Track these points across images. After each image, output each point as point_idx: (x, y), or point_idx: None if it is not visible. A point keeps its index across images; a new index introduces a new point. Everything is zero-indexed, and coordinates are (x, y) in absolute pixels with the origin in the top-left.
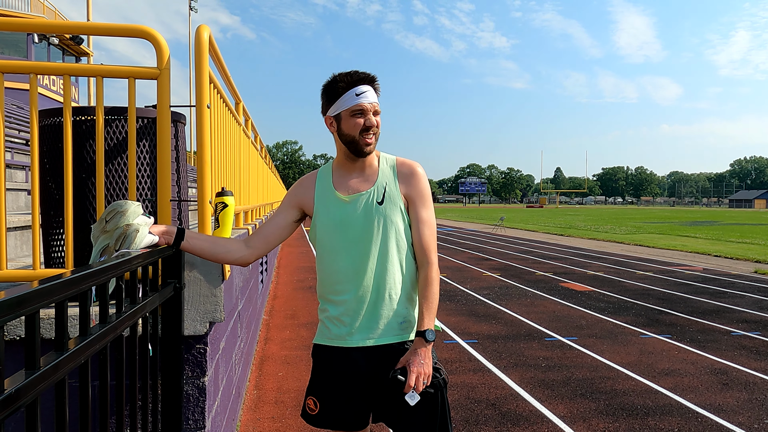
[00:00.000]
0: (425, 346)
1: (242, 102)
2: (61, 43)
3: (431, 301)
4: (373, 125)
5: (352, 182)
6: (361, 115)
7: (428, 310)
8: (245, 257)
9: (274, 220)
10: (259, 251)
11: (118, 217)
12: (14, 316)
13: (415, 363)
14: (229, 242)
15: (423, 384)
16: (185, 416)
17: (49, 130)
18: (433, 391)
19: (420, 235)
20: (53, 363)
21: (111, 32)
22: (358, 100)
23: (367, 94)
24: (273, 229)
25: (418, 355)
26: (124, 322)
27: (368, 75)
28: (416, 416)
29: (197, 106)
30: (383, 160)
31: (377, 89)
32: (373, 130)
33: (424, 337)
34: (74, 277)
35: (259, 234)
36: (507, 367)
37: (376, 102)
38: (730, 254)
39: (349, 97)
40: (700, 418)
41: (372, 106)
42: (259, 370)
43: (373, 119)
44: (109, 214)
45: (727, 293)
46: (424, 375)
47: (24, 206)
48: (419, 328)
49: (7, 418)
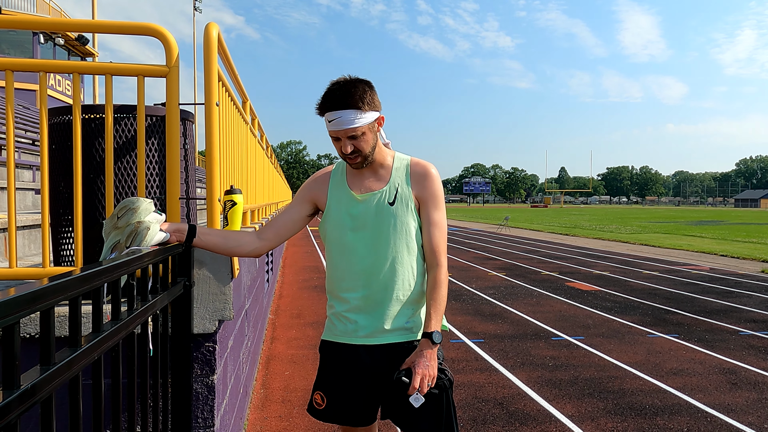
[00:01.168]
0: (431, 348)
1: (249, 101)
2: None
3: (439, 302)
4: (348, 151)
5: (366, 181)
6: (338, 140)
7: (436, 311)
8: (258, 249)
9: (288, 213)
10: (271, 243)
11: (129, 214)
12: (29, 312)
13: (420, 365)
14: (241, 235)
15: (428, 386)
16: (194, 414)
17: (58, 128)
18: (438, 392)
19: (430, 237)
20: (67, 359)
21: (119, 30)
22: (331, 128)
23: (338, 121)
24: (286, 221)
25: (424, 357)
26: (135, 320)
27: (339, 98)
28: (421, 417)
29: (206, 103)
30: (397, 160)
31: (358, 106)
32: (351, 156)
33: (431, 339)
34: (87, 274)
35: (272, 226)
36: (514, 367)
37: (351, 126)
38: (736, 254)
39: (326, 122)
40: (709, 418)
41: (345, 132)
42: (266, 369)
43: (348, 146)
44: (120, 210)
45: (735, 293)
46: (429, 377)
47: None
48: (426, 330)
49: (23, 414)
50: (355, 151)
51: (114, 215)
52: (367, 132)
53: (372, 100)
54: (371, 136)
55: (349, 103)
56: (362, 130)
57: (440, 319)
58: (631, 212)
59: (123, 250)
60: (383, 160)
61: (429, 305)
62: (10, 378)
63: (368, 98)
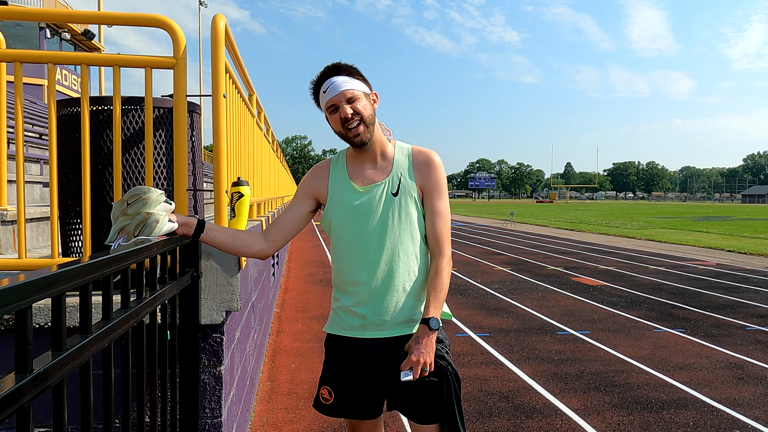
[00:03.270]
0: (428, 335)
1: (255, 93)
2: (73, 38)
3: (439, 290)
4: (348, 114)
5: (367, 172)
6: (336, 110)
7: (435, 298)
8: (264, 250)
9: (290, 211)
10: (277, 244)
11: (140, 203)
12: (41, 297)
13: (415, 351)
14: (248, 235)
15: (424, 371)
16: (202, 404)
17: (67, 120)
18: (437, 380)
19: (434, 225)
20: (78, 345)
21: (127, 21)
22: (326, 97)
23: (333, 86)
24: (290, 220)
25: (420, 343)
26: (144, 308)
27: (331, 69)
28: (423, 404)
29: (213, 95)
30: (398, 149)
31: (352, 73)
32: (353, 120)
33: (428, 325)
34: (97, 262)
35: (276, 226)
36: (519, 360)
37: (348, 89)
38: (743, 249)
39: (321, 97)
40: (715, 412)
41: (342, 95)
42: (272, 361)
43: (348, 109)
44: (131, 197)
45: (741, 288)
46: (423, 363)
47: (39, 198)
48: (424, 316)
49: (35, 398)
50: (355, 114)
51: (124, 200)
52: (362, 98)
53: (362, 76)
54: (368, 104)
55: (340, 70)
56: (358, 95)
57: (440, 307)
58: (637, 208)
59: (131, 237)
60: (384, 147)
61: (429, 292)
62: (23, 362)
63: (358, 72)
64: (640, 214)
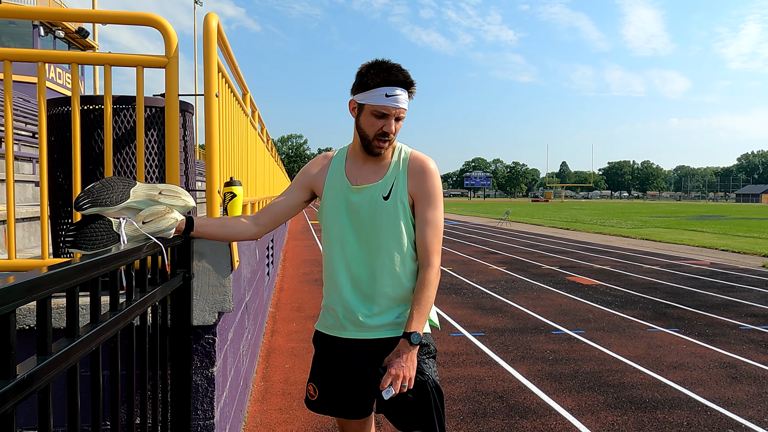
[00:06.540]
0: (408, 350)
1: (249, 93)
2: (67, 36)
3: (423, 304)
4: (391, 132)
5: (363, 172)
6: (383, 118)
7: (419, 312)
8: (255, 234)
9: (284, 199)
10: (267, 228)
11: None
12: (26, 301)
13: (395, 365)
14: (238, 222)
15: (403, 387)
16: (194, 406)
17: (57, 119)
18: (412, 397)
19: (423, 236)
20: (65, 349)
21: (118, 20)
22: (385, 102)
23: (398, 98)
24: (282, 207)
25: (400, 357)
26: (134, 311)
27: (407, 78)
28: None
29: (206, 94)
30: (397, 152)
31: (412, 94)
32: (390, 137)
33: (409, 340)
34: (85, 264)
35: (268, 211)
36: (514, 360)
37: (404, 108)
38: (737, 248)
39: (377, 95)
40: (709, 412)
41: (397, 111)
42: (266, 361)
43: (393, 126)
44: (169, 190)
45: (735, 287)
46: (404, 378)
47: (31, 198)
48: (406, 330)
49: (19, 404)
50: (392, 134)
51: (157, 187)
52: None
53: None
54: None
55: (409, 84)
56: (404, 116)
57: (423, 321)
58: (632, 207)
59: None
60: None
61: (413, 305)
62: (6, 367)
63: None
64: (634, 213)
